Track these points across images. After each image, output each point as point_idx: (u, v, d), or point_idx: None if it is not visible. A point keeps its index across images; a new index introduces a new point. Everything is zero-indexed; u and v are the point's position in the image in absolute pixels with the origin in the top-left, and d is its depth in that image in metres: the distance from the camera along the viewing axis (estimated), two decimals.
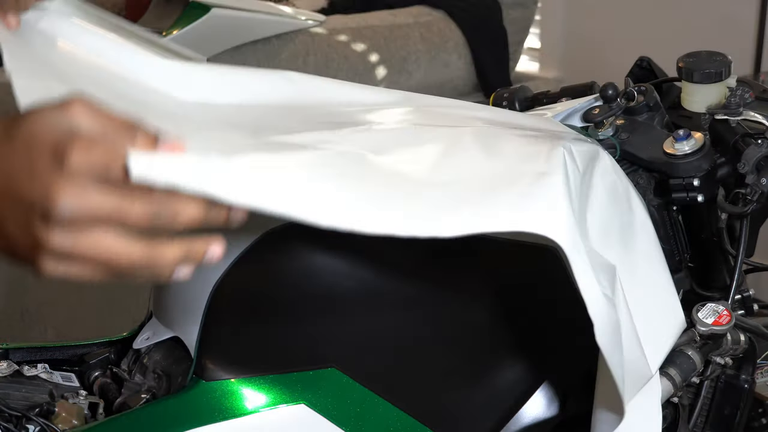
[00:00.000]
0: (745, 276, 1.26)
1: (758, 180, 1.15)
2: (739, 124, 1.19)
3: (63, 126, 0.67)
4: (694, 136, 1.17)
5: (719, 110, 1.20)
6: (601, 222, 1.07)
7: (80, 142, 0.66)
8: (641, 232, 1.12)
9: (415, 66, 3.03)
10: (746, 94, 1.21)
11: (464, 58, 3.14)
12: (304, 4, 3.27)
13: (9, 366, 1.06)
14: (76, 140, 0.66)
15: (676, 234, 1.23)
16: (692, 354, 1.12)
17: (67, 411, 1.03)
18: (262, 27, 2.74)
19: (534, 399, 1.13)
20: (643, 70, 1.38)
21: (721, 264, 1.23)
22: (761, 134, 1.17)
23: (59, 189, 0.65)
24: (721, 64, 1.24)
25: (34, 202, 0.66)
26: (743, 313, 1.23)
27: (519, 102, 1.38)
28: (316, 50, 2.84)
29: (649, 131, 1.24)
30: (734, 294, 1.20)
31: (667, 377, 1.10)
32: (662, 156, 1.18)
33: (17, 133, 0.67)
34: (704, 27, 3.11)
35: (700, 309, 1.13)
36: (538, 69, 3.77)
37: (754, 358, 1.22)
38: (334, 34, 2.91)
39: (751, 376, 1.22)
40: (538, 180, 0.90)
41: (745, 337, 1.17)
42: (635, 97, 1.27)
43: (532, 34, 3.55)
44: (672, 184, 1.18)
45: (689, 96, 1.26)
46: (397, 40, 3.01)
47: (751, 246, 1.25)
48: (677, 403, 1.17)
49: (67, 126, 0.67)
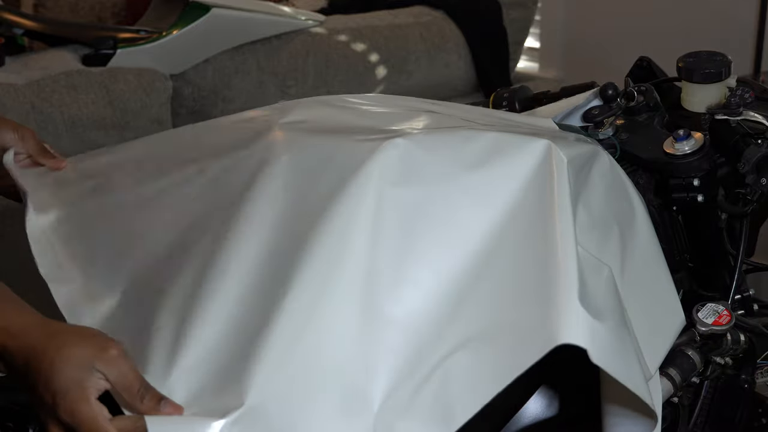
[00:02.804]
0: (745, 276, 1.26)
1: (758, 180, 1.15)
2: (739, 124, 1.18)
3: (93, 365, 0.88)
4: (694, 136, 1.17)
5: (719, 110, 1.20)
6: (600, 222, 1.07)
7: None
8: (641, 231, 1.12)
9: (415, 66, 3.03)
10: (746, 94, 1.21)
11: (464, 58, 3.14)
12: (304, 4, 3.27)
13: None
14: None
15: (676, 234, 1.23)
16: (692, 354, 1.12)
17: None
18: (262, 27, 2.74)
19: (534, 399, 1.13)
20: (643, 70, 1.38)
21: (721, 264, 1.23)
22: (761, 134, 1.17)
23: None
24: (721, 64, 1.24)
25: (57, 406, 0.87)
26: (743, 313, 1.23)
27: (519, 102, 1.38)
28: (316, 50, 2.83)
29: (649, 131, 1.24)
30: (734, 294, 1.20)
31: (667, 377, 1.10)
32: (662, 156, 1.18)
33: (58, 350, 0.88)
34: (704, 27, 3.11)
35: (700, 309, 1.13)
36: (538, 69, 3.77)
37: (754, 358, 1.22)
38: (334, 34, 2.91)
39: (751, 376, 1.22)
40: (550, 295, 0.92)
41: (745, 337, 1.17)
42: (635, 97, 1.27)
43: (532, 34, 3.55)
44: (672, 184, 1.18)
45: (689, 96, 1.26)
46: (397, 40, 3.00)
47: (751, 246, 1.25)
48: (677, 403, 1.17)
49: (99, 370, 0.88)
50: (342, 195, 0.99)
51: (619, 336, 0.93)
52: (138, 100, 2.52)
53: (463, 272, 0.98)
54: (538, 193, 1.00)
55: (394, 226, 0.98)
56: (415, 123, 1.13)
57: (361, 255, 0.97)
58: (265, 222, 1.01)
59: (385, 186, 1.00)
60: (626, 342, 0.94)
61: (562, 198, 0.99)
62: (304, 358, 0.91)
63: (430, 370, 0.92)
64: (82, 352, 0.88)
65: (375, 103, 1.19)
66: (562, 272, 0.92)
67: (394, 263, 0.97)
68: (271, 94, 2.75)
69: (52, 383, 0.86)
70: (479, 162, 1.03)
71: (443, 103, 1.23)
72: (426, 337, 0.94)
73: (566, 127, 1.23)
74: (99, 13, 3.41)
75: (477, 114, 1.20)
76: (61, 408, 0.86)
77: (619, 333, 0.94)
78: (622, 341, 0.93)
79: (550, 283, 0.92)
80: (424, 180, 1.01)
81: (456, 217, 1.00)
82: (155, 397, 0.89)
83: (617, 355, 0.91)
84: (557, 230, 0.96)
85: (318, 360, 0.92)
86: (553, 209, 0.98)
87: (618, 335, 0.93)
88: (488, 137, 1.05)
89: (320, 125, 1.13)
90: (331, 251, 0.96)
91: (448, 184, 1.01)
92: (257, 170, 1.06)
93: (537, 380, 1.13)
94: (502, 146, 1.04)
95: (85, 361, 0.87)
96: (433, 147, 1.04)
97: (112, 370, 0.88)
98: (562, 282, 0.91)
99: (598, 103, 1.29)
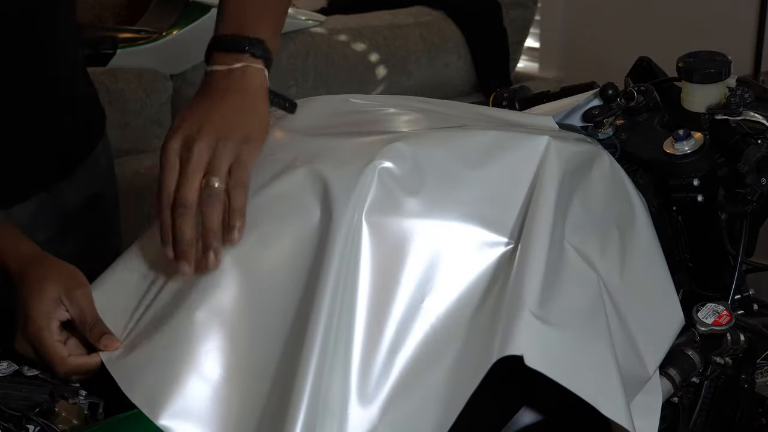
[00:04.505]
0: (745, 276, 1.26)
1: (758, 180, 1.15)
2: (739, 124, 1.18)
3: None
4: (694, 136, 1.17)
5: (719, 110, 1.20)
6: (600, 221, 1.07)
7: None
8: (641, 231, 1.12)
9: (415, 66, 3.03)
10: (746, 94, 1.21)
11: (464, 58, 3.14)
12: (304, 4, 3.27)
13: (9, 366, 1.06)
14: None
15: (676, 234, 1.23)
16: (692, 354, 1.12)
17: (67, 411, 1.02)
18: None
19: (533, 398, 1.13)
20: (643, 70, 1.38)
21: (721, 264, 1.23)
22: (761, 134, 1.17)
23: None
24: (721, 64, 1.24)
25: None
26: (743, 313, 1.23)
27: (519, 102, 1.38)
28: (316, 50, 2.84)
29: (649, 131, 1.24)
30: (734, 294, 1.20)
31: (667, 377, 1.10)
32: (662, 156, 1.18)
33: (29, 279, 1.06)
34: (704, 27, 3.11)
35: (700, 309, 1.13)
36: (538, 69, 3.77)
37: (754, 358, 1.22)
38: (334, 34, 2.91)
39: (751, 376, 1.22)
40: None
41: (745, 337, 1.17)
42: (635, 97, 1.27)
43: (532, 34, 3.55)
44: (672, 184, 1.18)
45: (689, 96, 1.26)
46: (397, 40, 3.01)
47: (751, 246, 1.25)
48: (677, 403, 1.17)
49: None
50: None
51: (580, 346, 0.94)
52: (138, 100, 2.52)
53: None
54: (532, 192, 1.01)
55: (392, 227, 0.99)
56: (415, 123, 1.13)
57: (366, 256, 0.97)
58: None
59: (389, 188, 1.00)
60: (590, 351, 0.95)
61: (546, 200, 0.99)
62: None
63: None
64: (54, 287, 1.05)
65: (375, 103, 1.19)
66: (526, 277, 0.94)
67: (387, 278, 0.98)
68: None
69: (26, 308, 1.04)
70: (481, 160, 1.03)
71: (443, 103, 1.23)
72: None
73: (566, 126, 1.23)
74: (99, 13, 3.41)
75: (477, 113, 1.20)
76: (29, 330, 1.04)
77: (582, 343, 0.95)
78: (583, 351, 0.95)
79: (514, 289, 0.94)
80: (425, 181, 1.01)
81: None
82: (100, 332, 1.03)
83: (569, 360, 0.93)
84: (533, 231, 0.97)
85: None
86: (535, 210, 0.99)
87: (579, 345, 0.94)
88: (489, 135, 1.06)
89: (320, 126, 1.13)
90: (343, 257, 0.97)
91: (451, 183, 1.01)
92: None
93: (536, 380, 1.13)
94: (504, 144, 1.04)
95: (54, 295, 1.04)
96: (434, 147, 1.04)
97: (75, 307, 1.05)
98: (525, 288, 0.93)
99: (598, 103, 1.29)
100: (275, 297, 0.98)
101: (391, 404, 0.94)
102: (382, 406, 0.94)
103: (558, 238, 1.00)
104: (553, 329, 0.92)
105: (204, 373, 0.97)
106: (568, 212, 1.03)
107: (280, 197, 1.02)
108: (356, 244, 0.97)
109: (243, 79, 1.09)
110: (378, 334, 0.95)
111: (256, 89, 1.09)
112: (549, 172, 1.01)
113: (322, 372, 0.92)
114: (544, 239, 0.97)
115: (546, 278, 0.95)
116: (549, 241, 0.97)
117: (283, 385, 0.94)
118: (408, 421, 0.93)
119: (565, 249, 1.00)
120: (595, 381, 0.94)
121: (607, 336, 0.97)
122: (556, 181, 1.01)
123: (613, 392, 0.94)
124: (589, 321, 0.97)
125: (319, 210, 0.99)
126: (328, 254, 0.95)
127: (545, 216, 0.98)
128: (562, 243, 1.00)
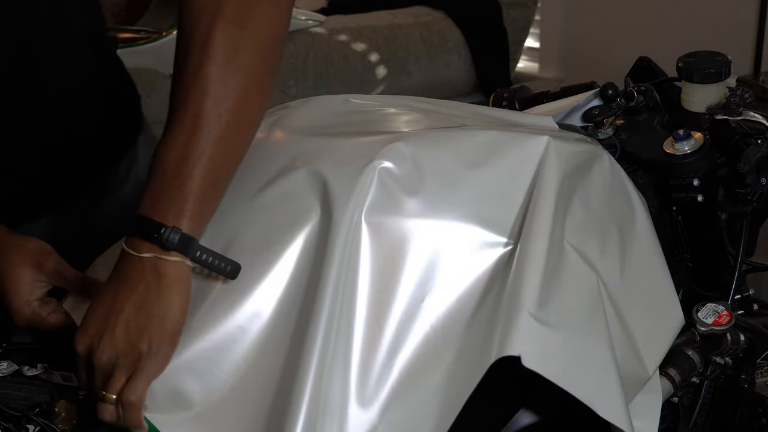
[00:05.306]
0: (745, 276, 1.26)
1: (758, 180, 1.15)
2: (739, 124, 1.18)
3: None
4: (694, 136, 1.17)
5: (719, 110, 1.20)
6: (600, 221, 1.07)
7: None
8: (641, 231, 1.12)
9: (415, 66, 3.03)
10: (746, 94, 1.21)
11: (464, 58, 3.15)
12: (304, 4, 3.27)
13: (9, 366, 1.07)
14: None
15: (676, 234, 1.23)
16: (692, 354, 1.12)
17: (67, 411, 1.03)
18: None
19: (533, 399, 1.13)
20: (643, 70, 1.38)
21: (721, 264, 1.23)
22: (761, 134, 1.17)
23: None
24: (721, 64, 1.24)
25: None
26: (743, 313, 1.23)
27: (519, 102, 1.38)
28: (316, 50, 2.84)
29: (649, 131, 1.24)
30: (734, 294, 1.20)
31: (667, 377, 1.10)
32: (662, 156, 1.18)
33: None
34: (704, 27, 3.11)
35: (700, 309, 1.13)
36: (538, 69, 3.77)
37: (754, 358, 1.22)
38: (334, 34, 2.91)
39: (751, 376, 1.22)
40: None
41: (745, 337, 1.17)
42: (635, 97, 1.27)
43: (532, 34, 3.55)
44: (672, 184, 1.18)
45: (689, 96, 1.26)
46: (397, 40, 3.01)
47: (751, 246, 1.25)
48: (677, 403, 1.17)
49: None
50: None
51: (579, 347, 0.94)
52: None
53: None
54: (532, 192, 1.01)
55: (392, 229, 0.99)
56: (415, 123, 1.13)
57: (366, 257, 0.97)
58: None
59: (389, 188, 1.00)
60: (589, 352, 0.96)
61: (546, 200, 0.99)
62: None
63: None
64: (24, 272, 1.12)
65: (375, 103, 1.19)
66: (525, 277, 0.94)
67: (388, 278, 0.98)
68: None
69: (8, 303, 1.12)
70: (481, 160, 1.03)
71: (443, 103, 1.23)
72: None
73: (566, 126, 1.23)
74: None
75: (477, 113, 1.20)
76: (18, 322, 1.13)
77: (581, 344, 0.95)
78: (581, 352, 0.95)
79: (512, 290, 0.94)
80: (425, 181, 1.01)
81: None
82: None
83: (566, 362, 0.93)
84: (533, 231, 0.97)
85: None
86: (535, 210, 0.99)
87: (577, 346, 0.94)
88: (489, 135, 1.06)
89: (320, 126, 1.13)
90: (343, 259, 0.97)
91: (450, 183, 1.01)
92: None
93: (535, 380, 1.13)
94: (504, 144, 1.04)
95: (28, 279, 1.12)
96: (434, 147, 1.04)
97: (51, 275, 1.13)
98: (524, 289, 0.94)
99: (598, 103, 1.29)
100: (275, 297, 0.98)
101: (391, 404, 0.93)
102: (381, 406, 0.93)
103: (558, 238, 1.00)
104: (551, 330, 0.92)
105: (203, 373, 0.97)
106: (567, 212, 1.03)
107: (280, 197, 1.02)
108: (356, 244, 0.96)
109: (154, 273, 0.94)
110: (378, 334, 0.95)
111: (170, 284, 0.95)
112: (549, 172, 1.02)
113: (322, 372, 0.92)
114: (543, 239, 0.97)
115: (545, 279, 0.95)
116: (548, 241, 0.97)
117: (283, 385, 0.94)
118: (408, 421, 0.93)
119: (565, 249, 1.00)
120: (593, 382, 0.94)
121: (606, 336, 0.97)
122: (556, 181, 1.01)
123: (612, 394, 0.94)
124: (588, 321, 0.97)
125: (319, 210, 0.99)
126: (328, 254, 0.95)
127: (545, 216, 0.99)
128: (562, 243, 1.00)
